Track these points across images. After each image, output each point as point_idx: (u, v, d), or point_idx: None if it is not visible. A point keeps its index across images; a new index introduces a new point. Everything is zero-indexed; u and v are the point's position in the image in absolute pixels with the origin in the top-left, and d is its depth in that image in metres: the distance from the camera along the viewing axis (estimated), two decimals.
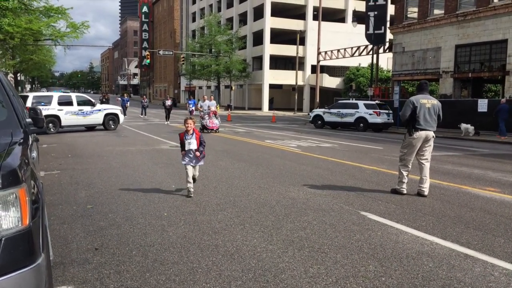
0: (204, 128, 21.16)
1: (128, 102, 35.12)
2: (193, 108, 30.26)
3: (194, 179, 7.60)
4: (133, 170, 10.03)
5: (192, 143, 7.34)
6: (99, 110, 21.91)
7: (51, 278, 3.11)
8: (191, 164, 7.48)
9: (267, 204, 6.90)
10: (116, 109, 23.32)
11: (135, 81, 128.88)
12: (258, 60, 58.83)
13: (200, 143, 7.44)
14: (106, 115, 22.16)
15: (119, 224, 5.75)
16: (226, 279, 4.04)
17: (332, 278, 4.09)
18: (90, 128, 22.36)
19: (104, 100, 39.66)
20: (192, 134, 7.41)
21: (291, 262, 4.48)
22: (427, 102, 7.77)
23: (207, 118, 21.57)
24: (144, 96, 43.97)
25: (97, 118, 21.80)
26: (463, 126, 23.08)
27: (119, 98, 37.03)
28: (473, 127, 22.75)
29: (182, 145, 7.48)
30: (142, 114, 37.05)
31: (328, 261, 4.51)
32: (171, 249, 4.82)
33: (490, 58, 27.87)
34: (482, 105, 24.21)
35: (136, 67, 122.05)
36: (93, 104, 21.72)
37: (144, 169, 10.19)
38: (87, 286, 3.89)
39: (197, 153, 7.37)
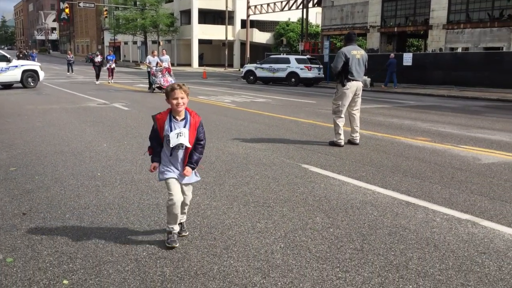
0: (160, 88, 18.95)
1: (36, 58, 32.83)
2: (112, 64, 26.48)
3: (184, 206, 3.79)
4: (59, 129, 9.36)
5: (182, 135, 3.62)
6: (16, 66, 20.25)
7: None
8: (177, 178, 3.68)
9: (207, 160, 6.68)
10: (35, 65, 21.64)
11: (54, 36, 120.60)
12: (187, 14, 56.96)
13: (197, 139, 3.80)
14: (24, 71, 20.52)
15: (48, 186, 5.31)
16: None
17: (281, 232, 4.00)
18: (7, 86, 20.62)
19: (21, 56, 36.70)
20: (185, 119, 3.70)
21: (237, 218, 4.33)
22: (357, 53, 7.89)
23: (160, 76, 19.35)
24: (70, 52, 41.11)
25: (14, 75, 20.12)
26: (363, 77, 24.12)
27: (30, 56, 34.25)
28: (369, 79, 24.01)
29: (156, 137, 3.78)
30: (68, 71, 34.78)
31: (275, 215, 4.41)
32: (108, 210, 4.51)
33: (415, 13, 28.72)
34: (407, 59, 25.06)
35: (54, 21, 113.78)
36: (8, 60, 20.00)
37: (71, 128, 9.55)
38: (18, 254, 3.52)
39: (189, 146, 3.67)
